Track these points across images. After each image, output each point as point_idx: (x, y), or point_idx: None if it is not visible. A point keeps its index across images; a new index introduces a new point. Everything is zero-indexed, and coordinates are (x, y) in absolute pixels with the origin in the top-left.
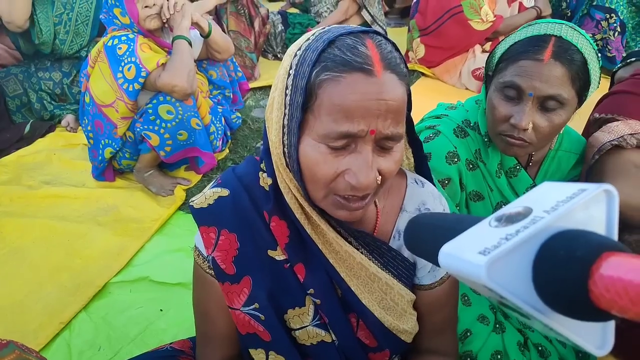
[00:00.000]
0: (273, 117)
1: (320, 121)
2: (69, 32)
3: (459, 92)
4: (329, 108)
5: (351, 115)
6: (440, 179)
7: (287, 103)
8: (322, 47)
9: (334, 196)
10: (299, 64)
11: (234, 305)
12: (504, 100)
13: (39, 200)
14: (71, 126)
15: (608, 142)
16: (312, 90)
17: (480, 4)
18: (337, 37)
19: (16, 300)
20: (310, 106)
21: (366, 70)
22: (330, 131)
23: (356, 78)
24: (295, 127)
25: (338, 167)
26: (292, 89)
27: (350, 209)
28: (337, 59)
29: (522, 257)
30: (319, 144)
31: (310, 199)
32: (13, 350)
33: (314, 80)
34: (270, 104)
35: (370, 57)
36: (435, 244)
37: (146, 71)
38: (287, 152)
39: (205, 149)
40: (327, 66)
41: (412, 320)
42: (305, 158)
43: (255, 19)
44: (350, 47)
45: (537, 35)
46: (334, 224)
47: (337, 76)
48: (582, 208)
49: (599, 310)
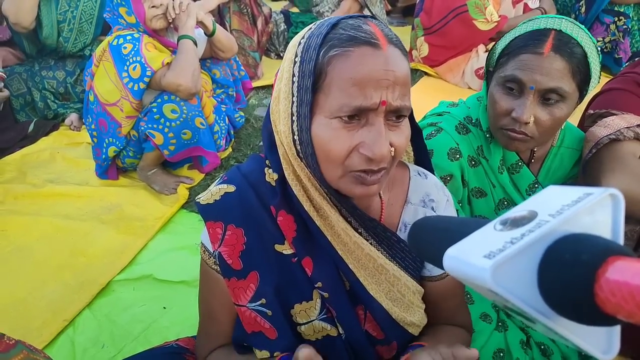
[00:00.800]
0: (280, 107)
1: (332, 97)
2: (73, 30)
3: (462, 91)
4: (341, 82)
5: (363, 87)
6: (442, 176)
7: (295, 90)
8: (327, 31)
9: (350, 173)
10: (304, 51)
11: (240, 302)
12: (505, 94)
13: (43, 198)
14: (75, 125)
15: (605, 136)
16: (322, 70)
17: (485, 4)
18: (339, 21)
19: (20, 298)
20: (320, 85)
21: (372, 44)
22: (344, 105)
23: (364, 51)
24: (307, 110)
25: (352, 142)
26: (300, 74)
27: (367, 183)
28: (343, 36)
29: (528, 261)
30: (330, 121)
31: (324, 185)
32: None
33: (322, 60)
34: (275, 97)
35: (374, 33)
36: (440, 247)
37: (151, 70)
38: (299, 138)
39: (209, 149)
40: (334, 44)
41: (420, 313)
42: (319, 138)
43: (258, 18)
44: (354, 26)
45: (537, 30)
46: (345, 214)
47: (346, 50)
48: (588, 212)
49: (605, 314)
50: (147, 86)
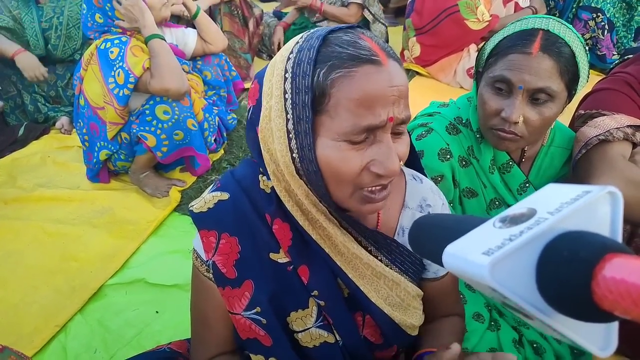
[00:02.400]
0: (272, 126)
1: (340, 119)
2: (61, 37)
3: (453, 91)
4: (348, 104)
5: (372, 107)
6: (433, 176)
7: (289, 107)
8: (319, 44)
9: (360, 191)
10: (295, 65)
11: (235, 310)
12: (495, 94)
13: (34, 202)
14: (65, 128)
15: (595, 136)
16: (325, 91)
17: (477, 3)
18: (328, 34)
19: (11, 304)
20: (324, 107)
21: (374, 61)
22: (354, 126)
23: (367, 70)
24: (308, 127)
25: (362, 161)
26: (294, 90)
27: (375, 201)
28: (343, 55)
29: (526, 258)
30: (339, 143)
31: (325, 201)
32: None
33: (324, 81)
34: (266, 115)
35: (372, 48)
36: (439, 244)
37: (134, 77)
38: (299, 156)
39: (201, 151)
40: (334, 64)
41: (418, 314)
42: (327, 159)
43: (249, 19)
44: (349, 42)
45: (525, 30)
46: (345, 225)
47: (349, 71)
48: (586, 210)
49: (602, 311)
50: (137, 90)
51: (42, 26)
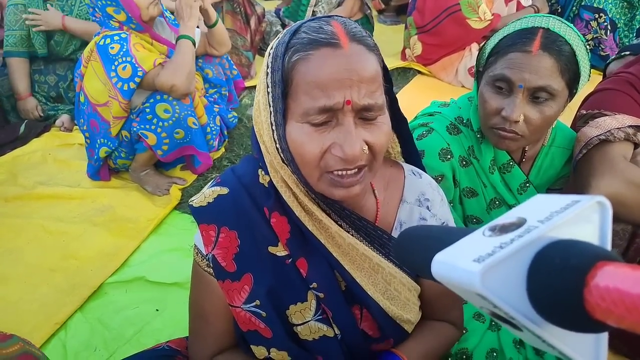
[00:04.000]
0: (262, 119)
1: (299, 102)
2: (65, 34)
3: (455, 90)
4: (304, 86)
5: (325, 89)
6: (434, 176)
7: (271, 100)
8: (289, 37)
9: (327, 174)
10: (273, 60)
11: (235, 303)
12: (495, 93)
13: (34, 200)
14: (65, 126)
15: (595, 137)
16: (288, 76)
17: (478, 2)
18: (302, 25)
19: (11, 301)
20: (289, 91)
21: (332, 44)
22: (309, 108)
23: (324, 52)
24: (280, 118)
25: (324, 143)
26: (272, 84)
27: (344, 185)
28: (304, 40)
29: (517, 265)
30: (302, 125)
31: (311, 190)
32: (17, 342)
33: (287, 66)
34: (256, 107)
35: (335, 32)
36: (427, 254)
37: (143, 71)
38: (280, 147)
39: (202, 149)
40: (297, 49)
41: (415, 310)
42: (293, 142)
43: (251, 17)
44: (315, 28)
45: (525, 28)
46: (335, 218)
47: (306, 54)
48: (576, 219)
49: (594, 320)
50: (138, 86)
51: None
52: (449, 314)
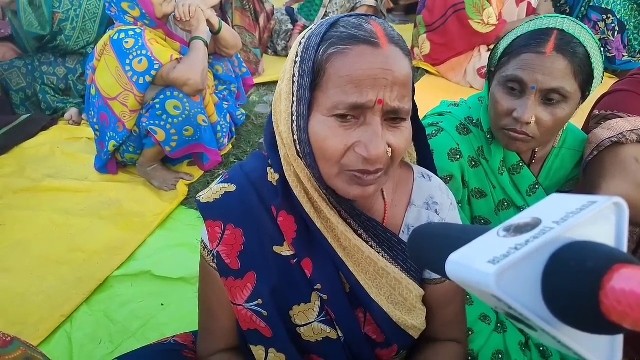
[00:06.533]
0: (281, 108)
1: (329, 95)
2: (76, 29)
3: (464, 90)
4: (338, 80)
5: (359, 85)
6: (443, 176)
7: (295, 90)
8: (326, 29)
9: (346, 172)
10: (304, 50)
11: (237, 301)
12: (507, 94)
13: (42, 193)
14: (74, 120)
15: (607, 138)
16: (320, 67)
17: (485, 4)
18: (339, 19)
19: (18, 293)
20: (319, 82)
21: (372, 43)
22: (339, 102)
23: (363, 49)
24: (305, 108)
25: (348, 140)
26: (300, 74)
27: (363, 184)
28: (344, 35)
29: (532, 267)
30: (328, 119)
31: (323, 186)
32: (18, 347)
33: (321, 58)
34: (277, 96)
35: (375, 32)
36: (441, 253)
37: (159, 64)
38: (298, 138)
39: (211, 146)
40: (333, 42)
41: (422, 316)
42: (316, 135)
43: (261, 14)
44: (355, 24)
45: (539, 29)
46: (344, 216)
47: (344, 48)
48: (592, 220)
49: (610, 322)
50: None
51: (60, 17)
52: (453, 329)
